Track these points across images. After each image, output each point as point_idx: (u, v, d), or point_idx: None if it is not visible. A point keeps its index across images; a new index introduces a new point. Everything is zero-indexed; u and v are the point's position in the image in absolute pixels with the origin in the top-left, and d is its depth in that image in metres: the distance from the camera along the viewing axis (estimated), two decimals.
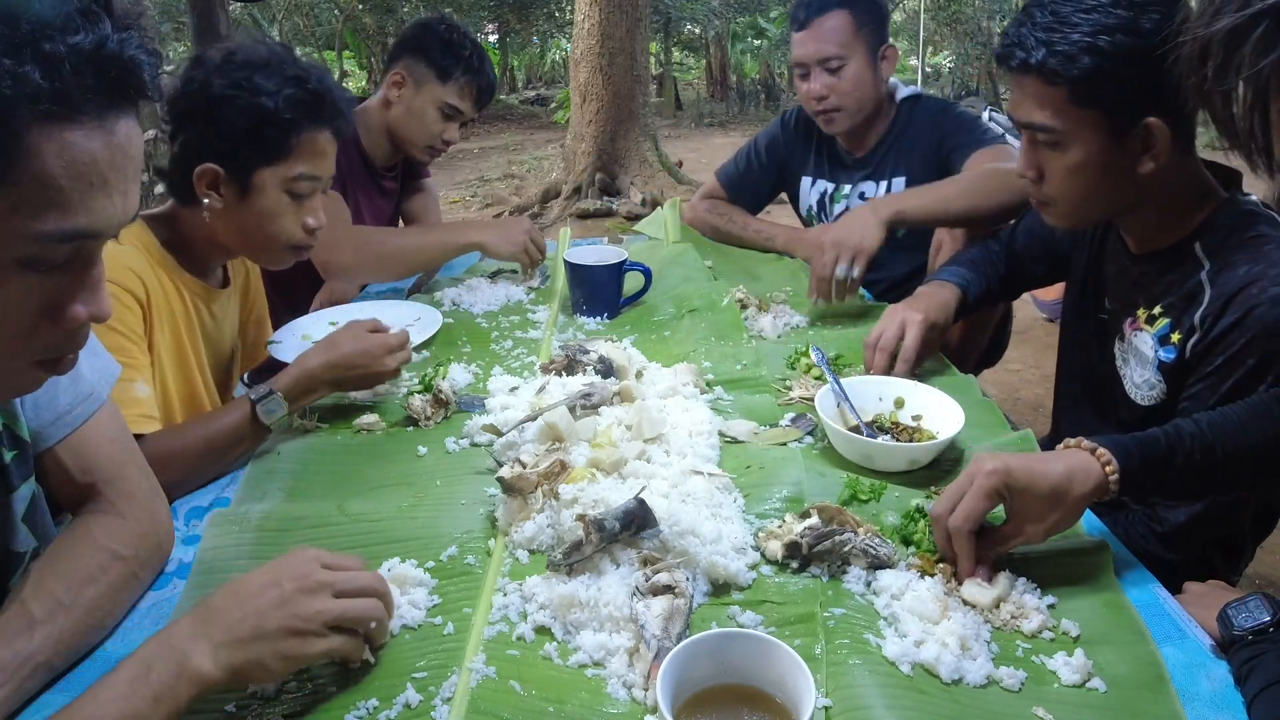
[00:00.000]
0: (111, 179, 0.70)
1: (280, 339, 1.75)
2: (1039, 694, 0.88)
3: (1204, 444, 1.05)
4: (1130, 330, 1.36)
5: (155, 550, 1.05)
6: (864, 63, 2.11)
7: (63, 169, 0.67)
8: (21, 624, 0.86)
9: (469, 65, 2.16)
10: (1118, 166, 1.26)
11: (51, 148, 0.66)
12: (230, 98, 1.36)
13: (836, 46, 2.08)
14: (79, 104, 0.67)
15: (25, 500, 0.96)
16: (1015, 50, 1.26)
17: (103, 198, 0.70)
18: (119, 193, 0.72)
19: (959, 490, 1.03)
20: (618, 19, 7.66)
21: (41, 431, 0.98)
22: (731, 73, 16.91)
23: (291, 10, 13.71)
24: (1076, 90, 1.22)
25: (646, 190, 7.83)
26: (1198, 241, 1.28)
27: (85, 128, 0.68)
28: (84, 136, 0.68)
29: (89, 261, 0.75)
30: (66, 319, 0.75)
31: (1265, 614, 0.90)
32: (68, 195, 0.68)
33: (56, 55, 0.64)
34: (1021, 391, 3.88)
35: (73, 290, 0.74)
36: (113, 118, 0.70)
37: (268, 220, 1.43)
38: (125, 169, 0.72)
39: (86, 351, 1.04)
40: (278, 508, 1.20)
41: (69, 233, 0.69)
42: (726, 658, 0.82)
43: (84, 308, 0.75)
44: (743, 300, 1.89)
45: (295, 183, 1.42)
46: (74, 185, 0.68)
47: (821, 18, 2.10)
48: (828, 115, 2.16)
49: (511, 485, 1.13)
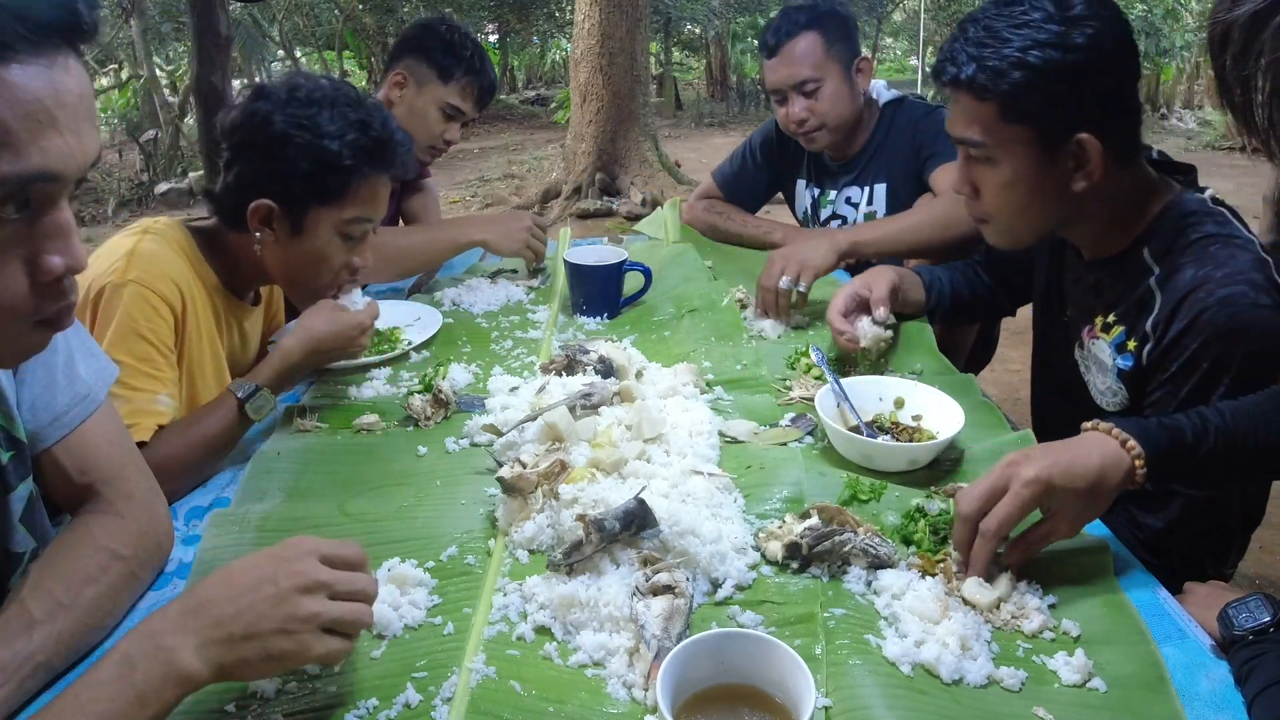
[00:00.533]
0: (60, 117, 0.69)
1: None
2: (1039, 694, 0.88)
3: (1227, 434, 1.04)
4: (1088, 338, 1.36)
5: (155, 550, 1.05)
6: (839, 80, 2.12)
7: (7, 108, 0.66)
8: (21, 624, 0.86)
9: (470, 65, 2.17)
10: (1051, 182, 1.25)
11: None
12: (292, 137, 1.35)
13: (810, 69, 2.09)
14: (14, 43, 0.66)
15: (23, 501, 0.96)
16: (947, 65, 1.27)
17: (54, 136, 0.69)
18: (70, 131, 0.70)
19: (992, 492, 0.99)
20: (618, 19, 7.66)
21: (39, 432, 0.98)
22: (731, 73, 16.91)
23: (291, 10, 13.70)
24: (1006, 105, 1.22)
25: (646, 190, 7.83)
26: (1145, 247, 1.28)
27: (25, 67, 0.67)
28: (25, 76, 0.67)
29: (52, 207, 0.73)
30: (42, 271, 0.73)
31: (1265, 614, 0.90)
32: (15, 136, 0.67)
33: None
34: (1021, 391, 3.87)
35: (42, 240, 0.73)
36: (52, 53, 0.69)
37: (317, 259, 1.44)
38: (74, 108, 0.70)
39: (83, 353, 1.04)
40: (278, 508, 1.20)
41: (25, 175, 0.68)
42: (726, 658, 0.82)
43: (59, 258, 0.73)
44: (743, 300, 1.89)
45: (349, 225, 1.43)
46: (21, 125, 0.67)
47: (791, 42, 2.10)
48: (809, 136, 2.18)
49: (511, 485, 1.13)
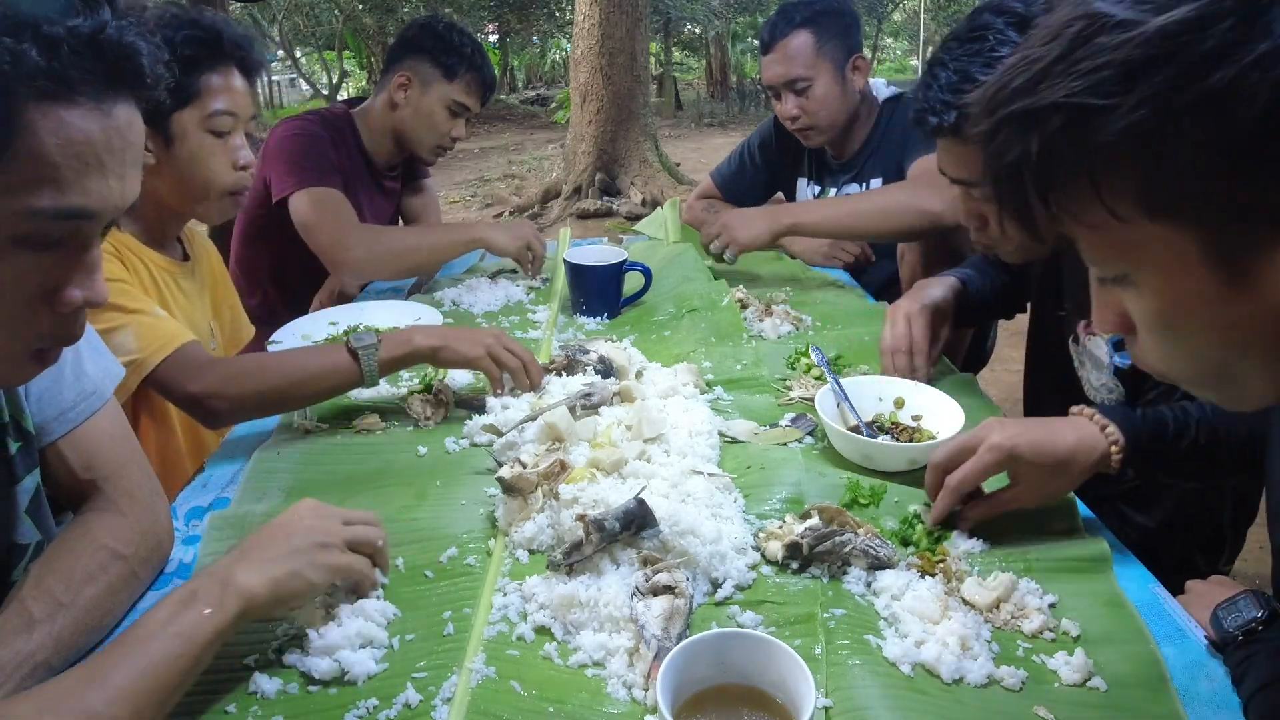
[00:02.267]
0: (107, 161, 0.72)
1: (280, 339, 1.75)
2: (1040, 693, 0.88)
3: (1209, 427, 1.05)
4: (1084, 334, 1.36)
5: (155, 549, 1.05)
6: (830, 80, 2.12)
7: (58, 147, 0.68)
8: (21, 623, 0.86)
9: (472, 62, 2.18)
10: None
11: (48, 125, 0.68)
12: None
13: (801, 68, 2.10)
14: (76, 85, 0.68)
15: (29, 493, 0.96)
16: (927, 116, 1.29)
17: (98, 178, 0.72)
18: (115, 175, 0.73)
19: (962, 448, 1.07)
20: (618, 19, 7.66)
21: (45, 426, 0.99)
22: (731, 73, 16.92)
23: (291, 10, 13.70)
24: None
25: (646, 190, 7.83)
26: None
27: (82, 108, 0.69)
28: (80, 117, 0.69)
29: (85, 244, 0.76)
30: (62, 302, 0.75)
31: (1254, 611, 0.90)
32: (63, 173, 0.69)
33: (55, 37, 0.66)
34: (1021, 391, 3.88)
35: (68, 273, 0.75)
36: (110, 101, 0.71)
37: (198, 164, 1.48)
38: (123, 153, 0.73)
39: (90, 350, 1.05)
40: (278, 508, 1.19)
41: (64, 210, 0.71)
42: (726, 658, 0.82)
43: (79, 291, 0.76)
44: (743, 300, 1.89)
45: (213, 120, 1.47)
46: (69, 164, 0.69)
47: (785, 40, 2.11)
48: (803, 133, 2.20)
49: (511, 485, 1.13)
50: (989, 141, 0.63)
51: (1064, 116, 0.57)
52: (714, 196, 2.47)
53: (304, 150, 2.06)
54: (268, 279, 2.31)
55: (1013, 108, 0.60)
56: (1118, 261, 0.63)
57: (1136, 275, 0.63)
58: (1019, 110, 0.60)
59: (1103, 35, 0.56)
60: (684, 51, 19.15)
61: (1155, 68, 0.54)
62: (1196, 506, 1.25)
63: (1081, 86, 0.56)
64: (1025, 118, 0.60)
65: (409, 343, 1.41)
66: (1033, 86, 0.59)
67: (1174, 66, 0.53)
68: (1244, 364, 0.63)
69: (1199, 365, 0.65)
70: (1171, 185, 0.57)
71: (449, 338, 1.44)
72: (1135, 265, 0.62)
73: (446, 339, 1.44)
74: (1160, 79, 0.53)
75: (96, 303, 0.77)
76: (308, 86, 16.06)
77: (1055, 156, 0.59)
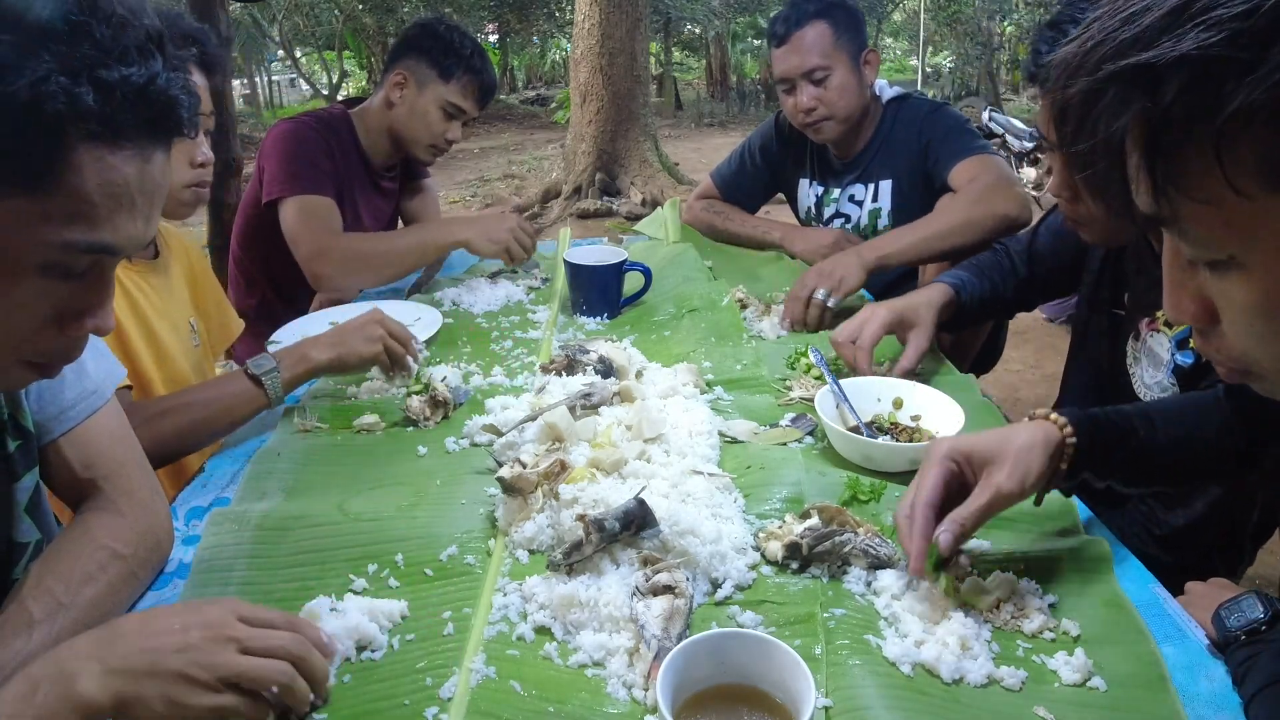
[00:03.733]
0: (139, 202, 0.75)
1: (280, 339, 1.75)
2: (1040, 693, 0.88)
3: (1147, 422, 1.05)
4: (1147, 330, 1.35)
5: (154, 549, 1.05)
6: (848, 70, 2.12)
7: (98, 187, 0.71)
8: (20, 623, 0.86)
9: (470, 64, 2.17)
10: None
11: (92, 166, 0.71)
12: None
13: (819, 57, 2.10)
14: (123, 131, 0.71)
15: (28, 491, 0.97)
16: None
17: (128, 218, 0.75)
18: (143, 216, 0.76)
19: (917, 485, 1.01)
20: (618, 19, 7.67)
21: (45, 424, 0.99)
22: (731, 73, 16.93)
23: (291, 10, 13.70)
24: None
25: (646, 190, 7.84)
26: None
27: (125, 153, 0.72)
28: (123, 161, 0.72)
29: (103, 276, 0.79)
30: (72, 327, 0.78)
31: (1257, 612, 0.89)
32: (98, 211, 0.72)
33: (110, 82, 0.69)
34: (1021, 391, 3.89)
35: (85, 303, 0.78)
36: (150, 148, 0.74)
37: None
38: (153, 195, 0.77)
39: (92, 350, 1.05)
40: (277, 507, 1.20)
41: (94, 245, 0.74)
42: (726, 658, 0.82)
43: (91, 320, 0.79)
44: (743, 300, 1.89)
45: None
46: (105, 203, 0.72)
47: (801, 31, 2.11)
48: (816, 126, 2.17)
49: (511, 485, 1.13)
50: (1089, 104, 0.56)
51: (1193, 73, 0.50)
52: (714, 196, 2.47)
53: (296, 154, 2.07)
54: (266, 278, 2.31)
55: (1124, 63, 0.53)
56: (1227, 242, 0.56)
57: (1247, 257, 0.56)
58: (1132, 66, 0.52)
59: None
60: (684, 51, 19.16)
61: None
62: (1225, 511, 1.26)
63: (1217, 38, 0.49)
64: (1141, 74, 0.52)
65: (306, 359, 1.40)
66: (1150, 39, 0.52)
67: None
68: None
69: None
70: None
71: (342, 343, 1.43)
72: (1248, 246, 0.55)
73: (340, 345, 1.43)
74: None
75: (104, 331, 0.80)
76: (308, 86, 16.06)
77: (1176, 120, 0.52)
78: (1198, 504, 1.24)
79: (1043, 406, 1.08)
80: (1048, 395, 3.53)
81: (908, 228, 1.92)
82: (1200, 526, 1.25)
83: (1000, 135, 8.08)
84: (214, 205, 3.47)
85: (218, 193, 3.42)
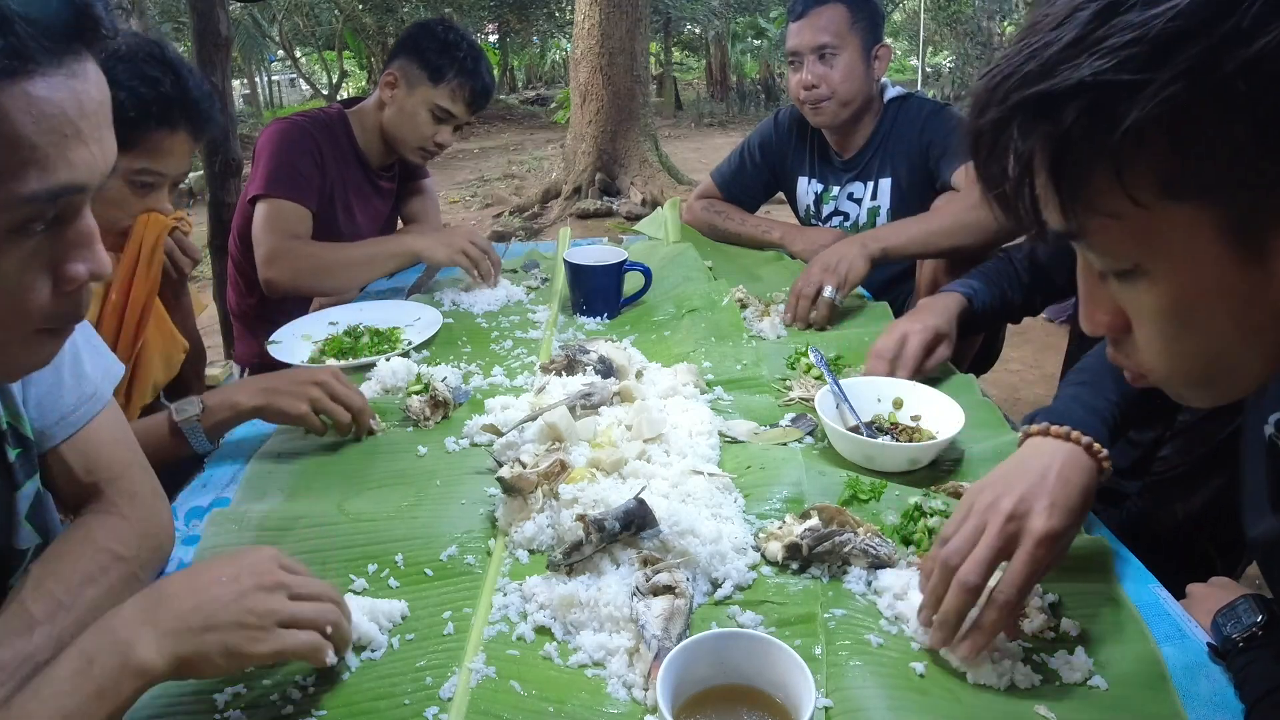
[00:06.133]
0: (84, 127, 0.68)
1: (280, 339, 1.75)
2: (1040, 693, 0.88)
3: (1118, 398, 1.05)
4: None
5: (156, 551, 1.05)
6: (856, 56, 2.15)
7: (33, 124, 0.64)
8: (21, 624, 0.86)
9: (462, 67, 2.15)
10: None
11: (18, 105, 0.64)
12: None
13: (830, 36, 2.13)
14: (35, 54, 0.64)
15: (29, 498, 0.96)
16: None
17: (79, 147, 0.68)
18: (94, 140, 0.69)
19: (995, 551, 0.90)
20: (618, 19, 7.66)
21: (46, 431, 0.99)
22: (731, 73, 16.91)
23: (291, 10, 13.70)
24: None
25: (646, 190, 7.83)
26: None
27: (47, 77, 0.65)
28: (47, 88, 0.65)
29: (77, 215, 0.72)
30: (67, 279, 0.72)
31: (1253, 616, 0.89)
32: (44, 151, 0.65)
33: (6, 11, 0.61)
34: (1021, 391, 3.88)
35: (66, 249, 0.72)
36: (71, 61, 0.67)
37: (108, 205, 1.44)
38: (96, 115, 0.69)
39: (90, 351, 1.05)
40: (278, 507, 1.20)
41: (54, 190, 0.67)
42: (726, 658, 0.82)
43: (83, 265, 0.73)
44: (743, 300, 1.89)
45: (137, 174, 1.45)
46: (48, 140, 0.66)
47: (819, 9, 2.14)
48: (816, 105, 2.18)
49: (511, 485, 1.13)
50: (998, 131, 0.61)
51: (1089, 98, 0.55)
52: (714, 196, 2.47)
53: (280, 157, 2.08)
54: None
55: (1028, 92, 0.58)
56: (1131, 252, 0.61)
57: (1151, 265, 0.61)
58: (1035, 95, 0.57)
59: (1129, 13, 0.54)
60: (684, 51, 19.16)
61: (1191, 39, 0.52)
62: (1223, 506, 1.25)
63: (1109, 64, 0.54)
64: (1043, 103, 0.57)
65: (233, 405, 1.32)
66: (1050, 70, 0.56)
67: (1210, 37, 0.51)
68: (1247, 352, 0.63)
69: (1202, 359, 0.64)
70: (1199, 163, 0.55)
71: (272, 395, 1.34)
72: (1150, 254, 0.60)
73: (270, 397, 1.33)
74: (1197, 51, 0.52)
75: (101, 275, 0.74)
76: (308, 87, 16.07)
77: (1077, 142, 0.57)
78: (1195, 499, 1.24)
79: (1043, 406, 1.07)
80: (1047, 395, 3.53)
81: (910, 221, 1.93)
82: (1198, 521, 1.25)
83: None
84: (214, 205, 3.46)
85: (218, 193, 3.42)
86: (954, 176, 2.00)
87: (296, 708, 0.86)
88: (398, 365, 1.56)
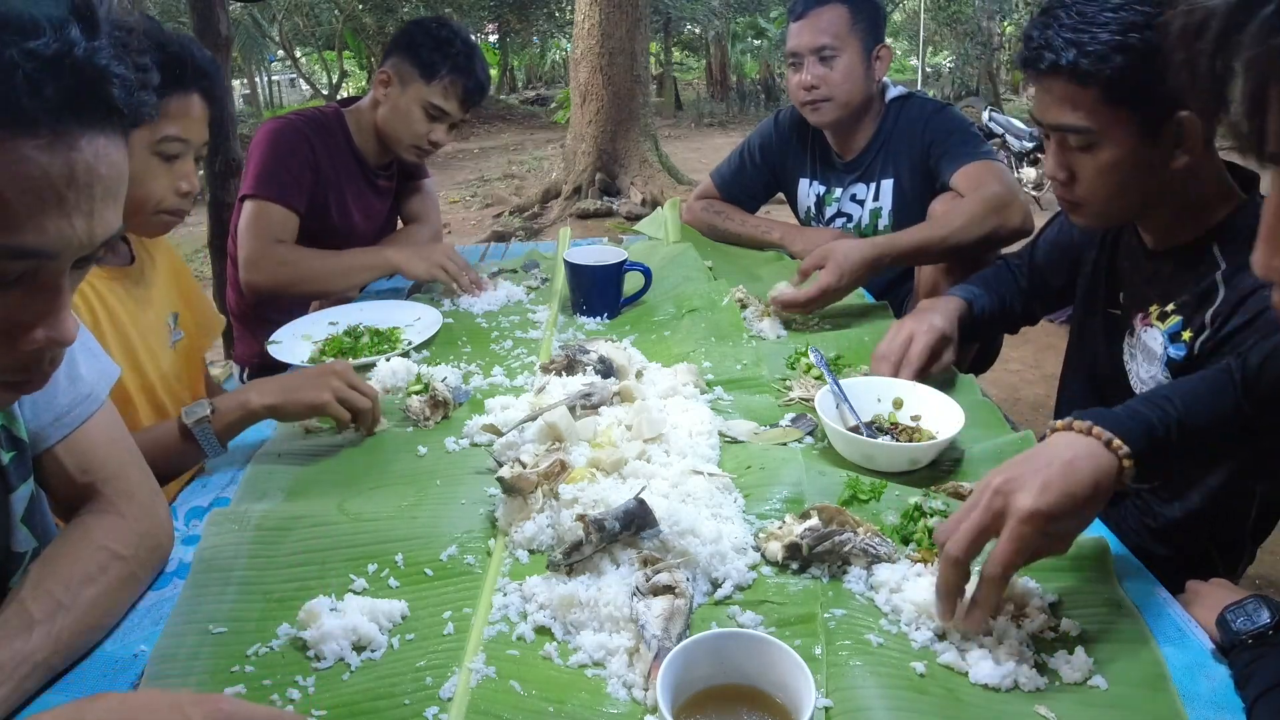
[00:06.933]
0: (70, 198, 0.64)
1: (280, 339, 1.75)
2: (1041, 692, 0.88)
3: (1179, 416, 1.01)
4: (1141, 325, 1.35)
5: (155, 550, 1.05)
6: (856, 57, 2.14)
7: (8, 181, 0.61)
8: (20, 624, 0.86)
9: (455, 64, 2.14)
10: (1149, 163, 1.25)
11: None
12: None
13: (831, 37, 2.12)
14: (31, 114, 0.61)
15: (24, 501, 0.96)
16: (1044, 53, 1.24)
17: (58, 217, 0.64)
18: (81, 214, 0.65)
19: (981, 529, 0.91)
20: (618, 19, 7.67)
21: (41, 432, 0.98)
22: (731, 73, 16.93)
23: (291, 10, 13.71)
24: (1109, 89, 1.20)
25: (646, 190, 7.84)
26: (1215, 243, 1.27)
27: (40, 140, 0.62)
28: (36, 150, 0.62)
29: (48, 283, 0.68)
30: (25, 340, 0.69)
31: (1264, 615, 0.89)
32: (14, 210, 0.62)
33: (8, 61, 0.58)
34: (1021, 391, 3.89)
35: (30, 313, 0.68)
36: (74, 133, 0.64)
37: (137, 185, 1.40)
38: (91, 188, 0.66)
39: (85, 353, 1.05)
40: (278, 507, 1.20)
41: (14, 249, 0.64)
42: (726, 658, 0.82)
43: (42, 331, 0.69)
44: (743, 300, 1.89)
45: (162, 144, 1.44)
46: (21, 200, 0.62)
47: (819, 9, 2.14)
48: (815, 105, 2.17)
49: (511, 485, 1.13)
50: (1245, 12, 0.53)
51: None
52: (714, 197, 2.47)
53: (271, 157, 2.08)
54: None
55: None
56: None
57: None
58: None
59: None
60: (684, 51, 19.18)
61: None
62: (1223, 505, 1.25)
63: None
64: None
65: (243, 405, 1.30)
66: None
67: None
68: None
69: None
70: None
71: (288, 390, 1.33)
72: None
73: (285, 393, 1.32)
74: None
75: (61, 343, 0.71)
76: (308, 86, 16.07)
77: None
78: (1194, 496, 1.24)
79: (1042, 406, 1.07)
80: (1047, 395, 3.53)
81: (915, 228, 1.91)
82: (1197, 519, 1.25)
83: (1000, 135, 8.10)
84: (214, 205, 3.47)
85: (218, 193, 3.42)
86: (954, 180, 2.00)
87: (296, 708, 0.85)
88: (398, 365, 1.56)
